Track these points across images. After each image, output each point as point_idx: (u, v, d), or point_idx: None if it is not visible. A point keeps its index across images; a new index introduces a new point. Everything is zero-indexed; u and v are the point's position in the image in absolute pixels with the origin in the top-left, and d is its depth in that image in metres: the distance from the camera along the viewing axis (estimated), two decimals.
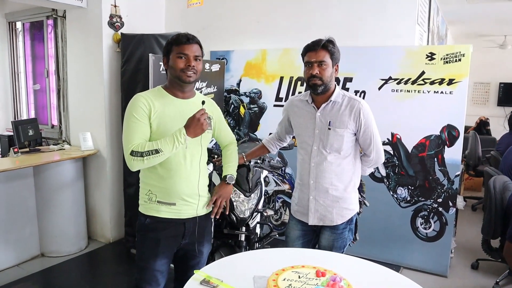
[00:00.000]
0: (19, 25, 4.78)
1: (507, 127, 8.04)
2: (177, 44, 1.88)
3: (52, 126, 4.49)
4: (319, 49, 2.04)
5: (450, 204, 3.40)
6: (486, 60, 7.61)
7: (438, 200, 3.44)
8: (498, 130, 7.92)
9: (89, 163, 4.00)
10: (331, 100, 2.12)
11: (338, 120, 2.10)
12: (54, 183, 3.64)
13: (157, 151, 1.80)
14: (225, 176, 2.17)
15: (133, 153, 1.80)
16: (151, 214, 1.95)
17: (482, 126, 6.91)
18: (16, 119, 4.84)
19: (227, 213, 2.14)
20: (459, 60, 3.26)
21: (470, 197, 5.63)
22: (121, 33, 3.79)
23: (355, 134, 2.14)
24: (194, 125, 1.81)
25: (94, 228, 4.08)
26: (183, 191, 1.94)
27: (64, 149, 3.90)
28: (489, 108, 8.24)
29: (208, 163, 2.79)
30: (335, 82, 2.19)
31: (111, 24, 3.79)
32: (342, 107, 2.11)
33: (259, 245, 2.88)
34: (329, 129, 2.11)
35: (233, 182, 2.18)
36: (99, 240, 4.05)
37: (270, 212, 2.71)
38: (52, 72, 4.37)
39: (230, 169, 2.23)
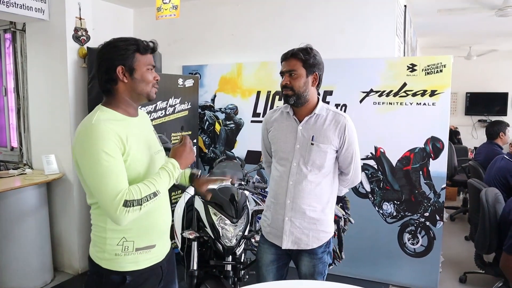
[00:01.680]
0: None
1: (475, 135, 8.29)
2: (144, 52, 1.55)
3: (12, 149, 4.14)
4: (289, 58, 1.94)
5: (437, 218, 3.32)
6: (452, 71, 7.76)
7: (425, 214, 3.35)
8: (466, 138, 8.10)
9: (54, 188, 3.68)
10: (314, 113, 1.98)
11: (322, 135, 1.96)
12: (14, 212, 3.30)
13: (155, 194, 1.45)
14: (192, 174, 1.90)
15: (127, 204, 1.39)
16: (129, 269, 1.54)
17: (453, 136, 7.00)
18: None
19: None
20: (441, 71, 3.22)
21: (447, 207, 5.62)
22: (87, 47, 3.54)
23: (337, 151, 2.01)
24: (186, 156, 1.60)
25: (60, 259, 3.75)
26: (164, 226, 1.67)
27: (25, 173, 3.56)
28: (458, 117, 8.40)
29: (187, 187, 2.59)
30: (318, 95, 2.06)
31: (76, 38, 3.53)
32: (327, 121, 1.98)
33: (244, 272, 2.68)
34: (312, 144, 1.96)
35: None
36: (66, 271, 3.72)
37: (258, 238, 2.51)
38: (11, 90, 4.03)
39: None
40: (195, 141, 4.03)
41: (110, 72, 1.51)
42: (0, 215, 3.28)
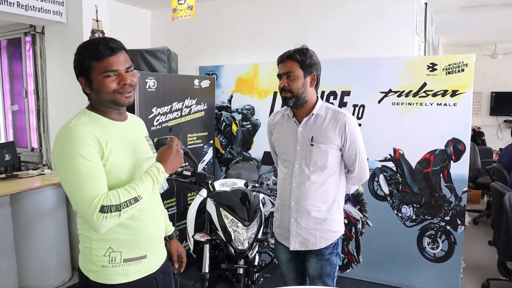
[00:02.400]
0: None
1: (501, 136, 8.04)
2: (98, 59, 1.40)
3: (32, 149, 4.22)
4: (286, 60, 1.93)
5: (459, 222, 3.21)
6: (477, 70, 7.51)
7: (445, 218, 3.25)
8: (491, 139, 7.87)
9: None
10: (313, 114, 1.97)
11: (322, 135, 1.94)
12: (33, 211, 3.36)
13: (136, 199, 1.36)
14: (171, 235, 1.81)
15: (104, 209, 1.30)
16: (118, 282, 1.44)
17: (477, 136, 6.80)
18: None
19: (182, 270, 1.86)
20: (462, 70, 3.11)
21: (470, 210, 5.47)
22: None
23: (341, 150, 1.98)
24: (173, 159, 1.49)
25: (78, 258, 3.78)
26: (154, 234, 1.56)
27: (44, 174, 3.62)
28: (482, 118, 8.18)
29: (200, 189, 2.58)
30: (317, 95, 2.03)
31: None
32: (326, 120, 1.96)
33: (258, 275, 2.65)
34: (312, 145, 1.94)
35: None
36: None
37: (272, 241, 2.47)
38: (31, 92, 4.11)
39: (167, 221, 1.82)
40: (211, 141, 4.02)
41: (80, 84, 1.47)
42: (20, 215, 3.34)
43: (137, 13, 4.32)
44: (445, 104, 3.17)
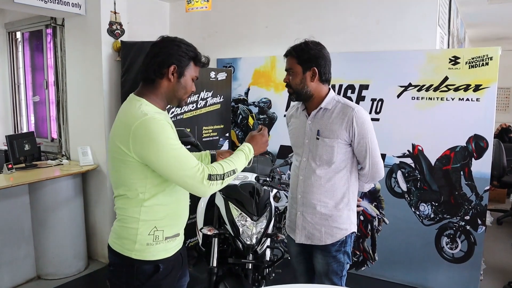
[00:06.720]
0: (18, 35, 4.61)
1: None
2: (197, 63, 1.63)
3: (52, 140, 4.29)
4: (287, 56, 1.94)
5: (479, 222, 3.10)
6: (506, 64, 7.21)
7: (465, 217, 3.14)
8: None
9: (88, 179, 3.78)
10: (321, 107, 1.93)
11: (328, 129, 1.90)
12: (51, 201, 3.42)
13: (234, 172, 1.58)
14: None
15: (211, 177, 1.50)
16: (161, 257, 1.59)
17: (504, 134, 6.55)
18: (16, 132, 4.65)
19: None
20: (486, 64, 2.98)
21: (494, 209, 5.29)
22: (121, 41, 3.58)
23: (351, 145, 1.93)
24: (261, 145, 1.73)
25: (94, 248, 3.85)
26: (186, 215, 1.74)
27: (62, 164, 3.68)
28: (510, 114, 7.88)
29: None
30: (329, 87, 1.98)
31: (111, 32, 3.58)
32: (334, 114, 1.91)
33: (270, 270, 2.62)
34: (317, 138, 1.92)
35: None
36: (99, 260, 3.81)
37: (282, 237, 2.44)
38: (51, 83, 4.17)
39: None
40: (227, 135, 4.00)
41: (163, 66, 1.55)
42: (37, 204, 3.41)
43: (155, 5, 4.31)
44: (467, 99, 3.05)
